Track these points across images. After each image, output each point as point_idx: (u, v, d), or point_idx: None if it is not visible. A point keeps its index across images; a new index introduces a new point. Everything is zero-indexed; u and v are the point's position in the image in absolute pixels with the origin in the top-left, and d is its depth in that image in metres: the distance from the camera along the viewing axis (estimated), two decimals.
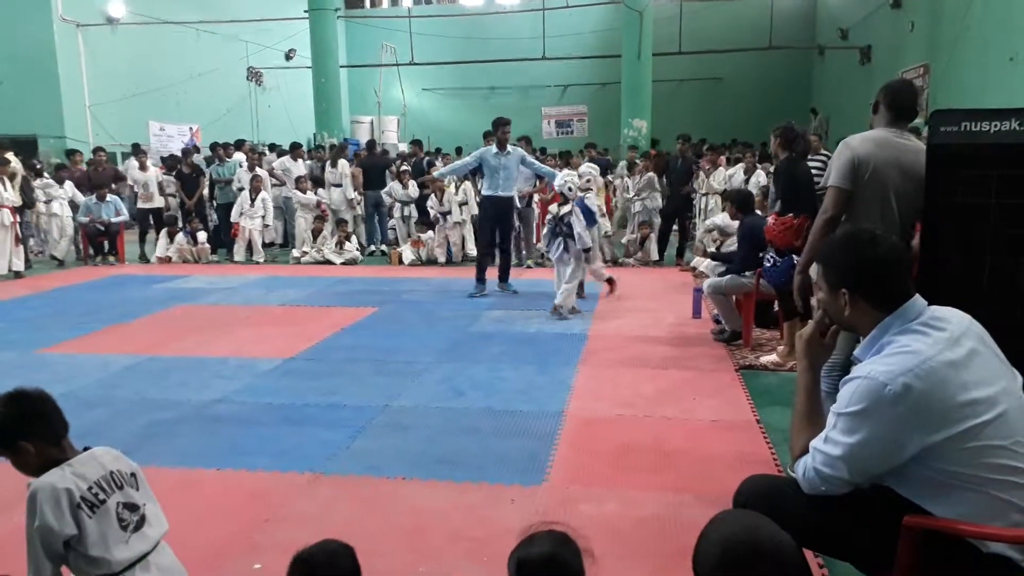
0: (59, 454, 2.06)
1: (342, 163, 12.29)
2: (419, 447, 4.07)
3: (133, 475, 2.18)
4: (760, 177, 9.88)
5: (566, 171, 7.67)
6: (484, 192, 8.46)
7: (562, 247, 7.14)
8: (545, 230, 7.18)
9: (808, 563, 1.35)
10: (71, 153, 13.17)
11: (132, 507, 2.11)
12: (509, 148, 8.20)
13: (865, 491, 1.96)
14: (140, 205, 12.20)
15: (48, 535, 1.94)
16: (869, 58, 17.47)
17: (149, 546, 2.12)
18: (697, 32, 19.97)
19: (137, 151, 12.48)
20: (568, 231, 7.06)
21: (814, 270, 3.76)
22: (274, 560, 2.89)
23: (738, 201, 6.34)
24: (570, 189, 7.13)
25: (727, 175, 10.31)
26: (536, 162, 8.21)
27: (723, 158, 11.35)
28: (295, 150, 13.13)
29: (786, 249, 5.12)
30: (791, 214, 5.05)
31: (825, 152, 9.16)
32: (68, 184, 11.76)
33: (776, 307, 6.15)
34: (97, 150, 12.74)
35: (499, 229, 8.42)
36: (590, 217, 7.36)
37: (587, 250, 7.21)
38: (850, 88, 18.44)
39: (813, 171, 8.13)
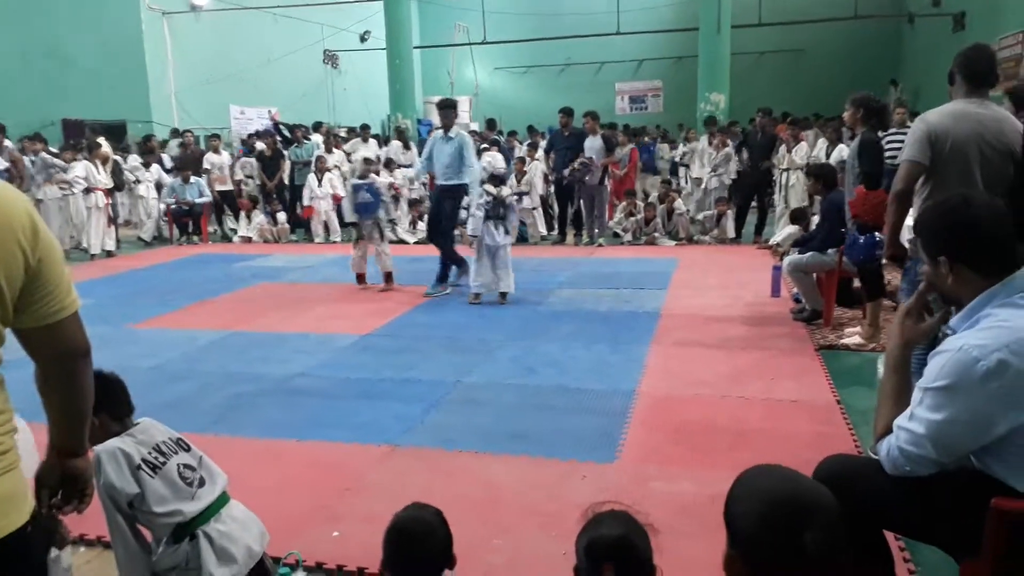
0: (120, 428, 2.24)
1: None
2: (492, 422, 4.11)
3: (179, 440, 2.34)
4: (843, 152, 9.52)
5: (487, 155, 7.38)
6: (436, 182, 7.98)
7: (503, 230, 6.90)
8: (479, 213, 6.85)
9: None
10: (147, 139, 13.68)
11: (191, 467, 2.27)
12: (452, 133, 7.56)
13: (950, 471, 1.88)
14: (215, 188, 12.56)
15: (112, 491, 2.12)
16: (963, 25, 16.56)
17: (215, 495, 2.27)
18: (778, 2, 19.28)
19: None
20: (505, 214, 6.91)
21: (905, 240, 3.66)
22: (352, 528, 2.98)
23: (822, 176, 6.12)
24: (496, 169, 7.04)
25: (809, 152, 9.95)
26: (470, 154, 7.47)
27: (805, 133, 10.98)
28: (363, 131, 13.37)
29: (872, 225, 4.93)
30: (883, 189, 4.87)
31: (910, 125, 8.76)
32: (155, 167, 12.23)
33: (857, 285, 5.96)
34: (186, 132, 13.19)
35: (442, 218, 7.71)
36: (376, 199, 7.54)
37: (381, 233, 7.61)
38: (942, 58, 17.43)
39: (897, 145, 7.85)
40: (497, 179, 6.98)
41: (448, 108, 7.66)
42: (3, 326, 1.40)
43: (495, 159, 7.20)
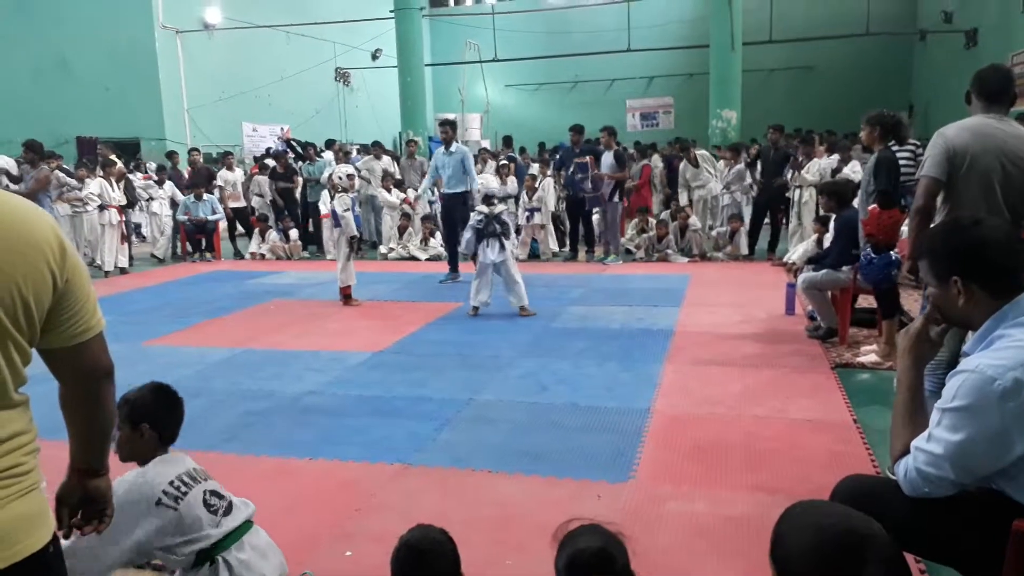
0: (155, 452, 2.21)
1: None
2: (504, 441, 4.08)
3: (204, 470, 2.32)
4: (855, 167, 9.46)
5: (481, 176, 8.10)
6: (442, 190, 9.22)
7: (498, 247, 7.01)
8: (468, 234, 7.24)
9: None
10: (170, 155, 13.81)
11: (219, 495, 2.23)
12: (453, 148, 8.82)
13: (971, 492, 1.87)
14: (227, 205, 12.58)
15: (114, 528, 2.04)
16: (975, 42, 16.56)
17: (238, 523, 2.22)
18: (789, 19, 19.35)
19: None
20: (503, 230, 7.07)
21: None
22: (365, 548, 2.96)
23: (835, 194, 6.08)
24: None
25: (822, 167, 9.90)
26: (470, 163, 8.78)
27: (821, 148, 10.94)
28: (376, 148, 13.51)
29: (886, 245, 4.89)
30: (896, 208, 4.84)
31: (913, 142, 8.69)
32: (168, 184, 12.31)
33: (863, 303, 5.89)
34: (192, 151, 13.29)
35: (457, 222, 8.72)
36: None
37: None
38: (954, 75, 17.49)
39: (903, 162, 7.80)
40: (490, 199, 7.20)
41: (446, 125, 9.00)
42: (30, 346, 1.40)
43: (487, 180, 7.63)
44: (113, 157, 11.63)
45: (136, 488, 2.12)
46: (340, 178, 7.94)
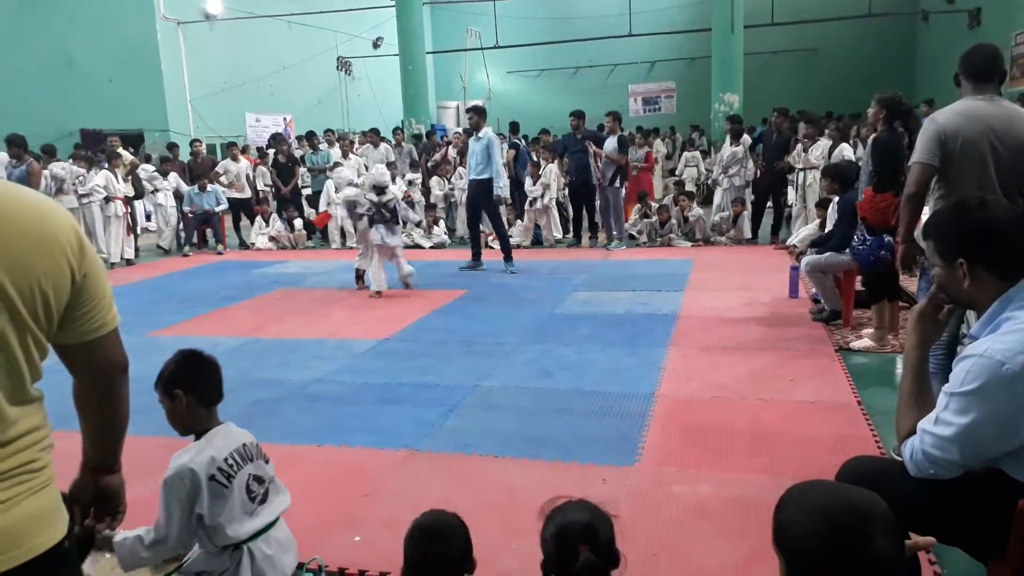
0: (205, 419, 2.23)
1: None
2: (510, 426, 4.11)
3: (258, 445, 2.32)
4: (845, 151, 9.37)
5: (375, 168, 8.23)
6: (468, 176, 9.20)
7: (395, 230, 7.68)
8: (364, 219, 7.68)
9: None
10: (171, 147, 13.82)
11: (260, 479, 2.24)
12: (480, 134, 8.69)
13: (976, 473, 1.87)
14: (231, 195, 12.55)
15: (180, 503, 2.11)
16: (979, 21, 16.45)
17: (273, 517, 2.25)
18: (790, 1, 19.21)
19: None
20: (393, 217, 7.61)
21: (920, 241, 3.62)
22: (373, 533, 2.99)
23: (839, 176, 6.07)
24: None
25: (825, 150, 9.85)
26: (495, 151, 8.64)
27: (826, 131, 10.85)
28: (373, 136, 13.51)
29: (880, 228, 4.89)
30: (891, 192, 4.82)
31: None
32: (172, 175, 12.31)
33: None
34: (194, 142, 13.28)
35: (483, 210, 8.86)
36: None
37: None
38: (957, 55, 17.34)
39: None
40: (379, 189, 7.55)
41: (473, 111, 8.84)
42: (47, 341, 1.41)
43: (378, 171, 7.84)
44: (121, 150, 11.63)
45: (192, 463, 2.13)
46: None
